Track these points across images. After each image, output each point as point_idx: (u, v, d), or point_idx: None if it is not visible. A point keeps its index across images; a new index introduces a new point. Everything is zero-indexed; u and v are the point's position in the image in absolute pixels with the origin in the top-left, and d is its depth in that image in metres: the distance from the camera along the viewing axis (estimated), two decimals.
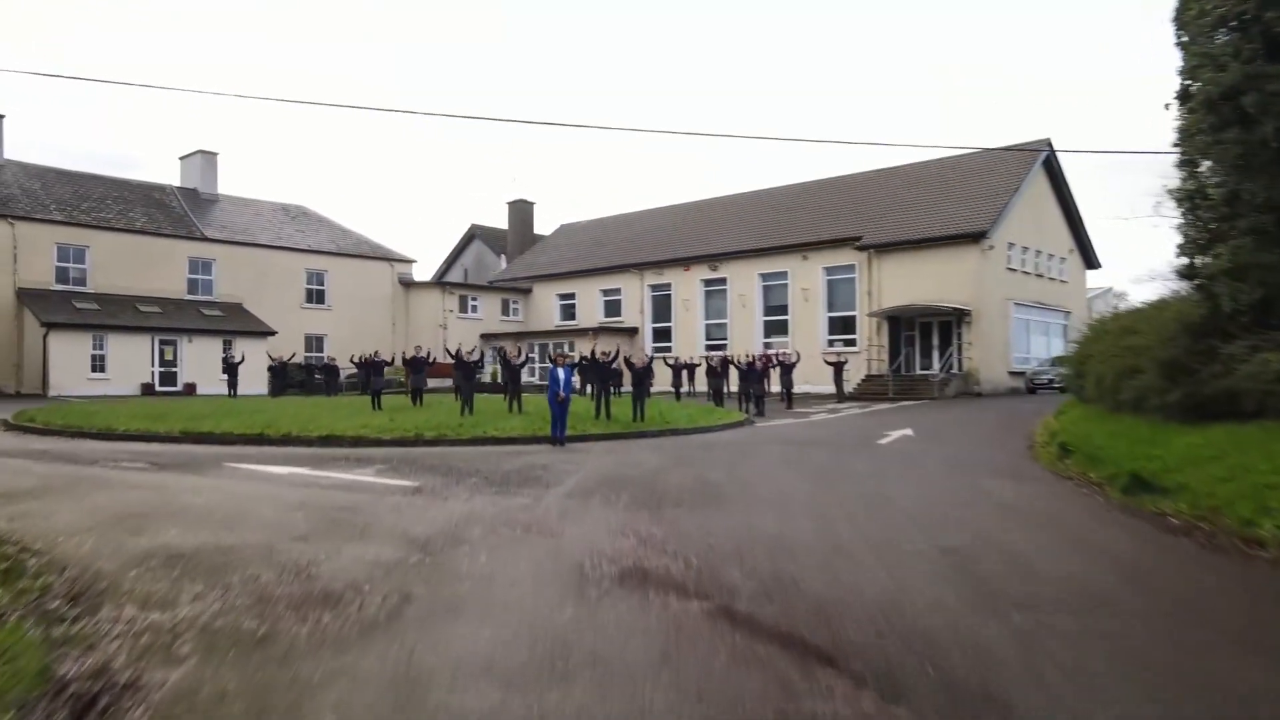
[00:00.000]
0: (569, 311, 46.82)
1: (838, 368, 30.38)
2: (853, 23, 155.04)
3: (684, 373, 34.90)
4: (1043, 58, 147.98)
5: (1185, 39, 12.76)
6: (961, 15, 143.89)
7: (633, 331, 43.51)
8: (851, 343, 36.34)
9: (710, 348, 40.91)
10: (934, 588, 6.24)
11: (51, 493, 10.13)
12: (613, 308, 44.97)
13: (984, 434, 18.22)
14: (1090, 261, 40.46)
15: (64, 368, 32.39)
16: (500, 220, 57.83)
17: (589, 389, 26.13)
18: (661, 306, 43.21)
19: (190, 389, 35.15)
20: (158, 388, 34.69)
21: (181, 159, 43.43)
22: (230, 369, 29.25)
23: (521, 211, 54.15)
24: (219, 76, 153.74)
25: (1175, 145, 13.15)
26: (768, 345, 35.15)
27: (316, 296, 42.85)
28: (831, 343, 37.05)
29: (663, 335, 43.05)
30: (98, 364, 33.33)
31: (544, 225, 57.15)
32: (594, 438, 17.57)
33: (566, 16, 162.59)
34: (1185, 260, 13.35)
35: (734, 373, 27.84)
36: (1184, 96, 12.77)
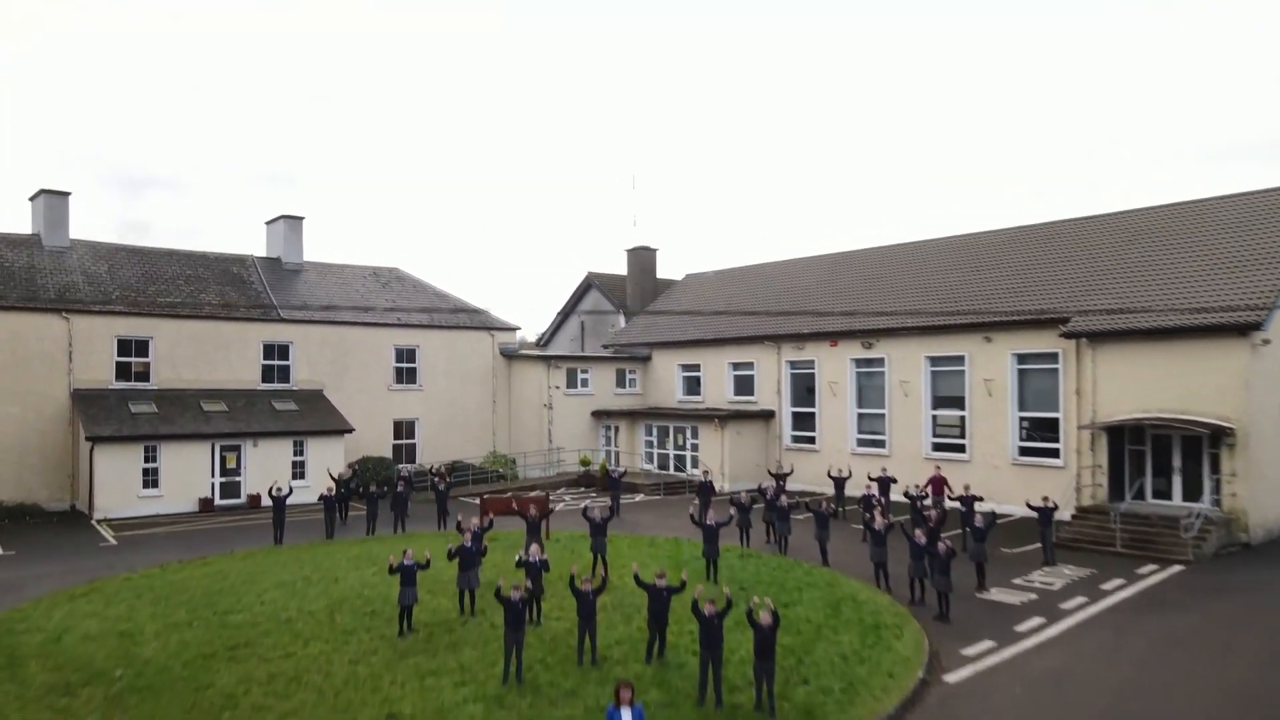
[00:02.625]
0: (693, 385, 40.09)
1: (1044, 516, 22.18)
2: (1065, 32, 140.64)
3: (837, 487, 28.03)
4: None
5: None
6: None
7: (768, 416, 36.29)
8: (1051, 452, 27.84)
9: (863, 443, 33.24)
10: None
11: None
12: (744, 384, 37.88)
13: None
14: None
15: (111, 486, 28.53)
16: (619, 265, 51.95)
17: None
18: (803, 387, 35.77)
19: (254, 501, 30.75)
20: (218, 501, 30.46)
21: (267, 224, 39.65)
22: (277, 504, 24.33)
23: (642, 260, 47.89)
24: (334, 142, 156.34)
25: None
26: (937, 469, 27.10)
27: (407, 375, 37.99)
28: (1025, 451, 28.63)
29: (804, 423, 35.59)
30: (150, 478, 29.34)
31: (669, 267, 50.72)
32: None
33: (691, 48, 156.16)
34: None
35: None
36: None
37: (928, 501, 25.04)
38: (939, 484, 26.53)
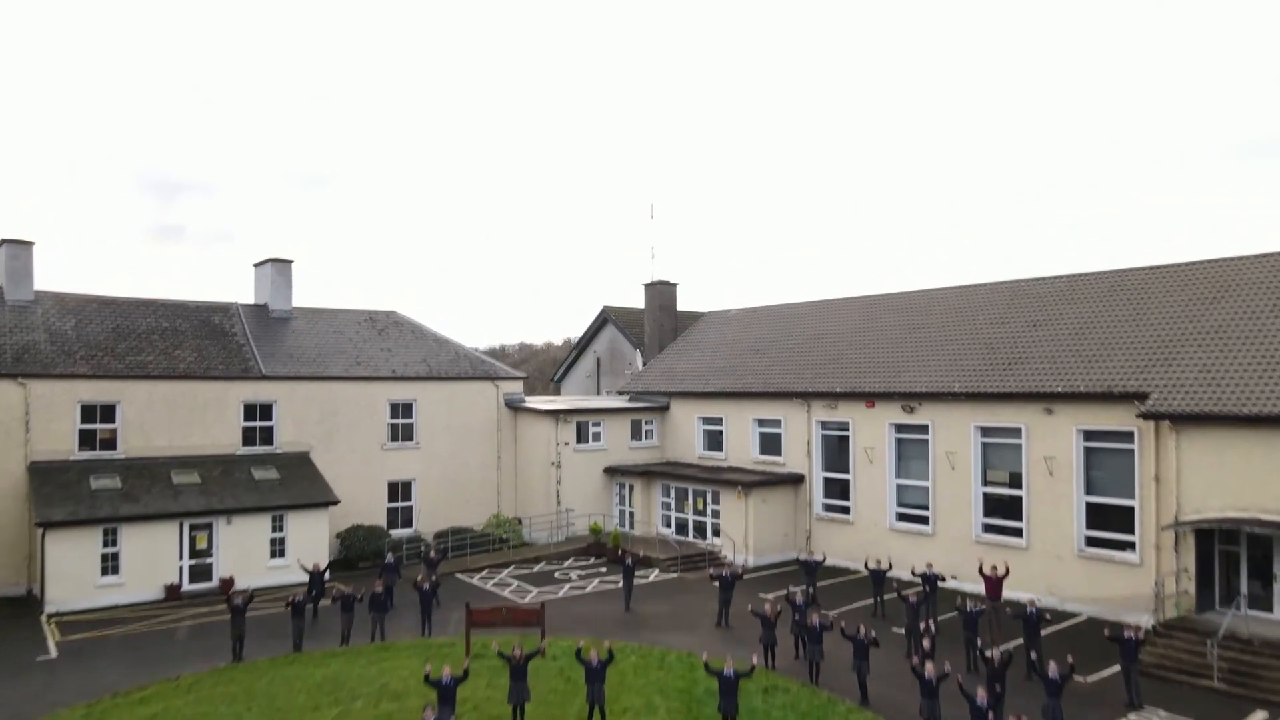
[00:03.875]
0: (714, 440, 36.67)
1: (1126, 650, 18.53)
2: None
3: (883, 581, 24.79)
4: None
5: None
6: None
7: (796, 480, 32.82)
8: (1124, 544, 24.13)
9: (904, 518, 29.68)
10: None
11: None
12: (770, 443, 34.41)
13: None
14: None
15: (65, 576, 25.71)
16: (637, 295, 48.72)
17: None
18: (835, 451, 32.24)
19: (226, 585, 27.78)
20: (186, 585, 27.58)
21: (255, 266, 36.82)
22: (236, 614, 21.31)
23: (661, 296, 44.53)
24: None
25: None
26: (993, 570, 23.45)
27: (402, 432, 34.95)
28: (1093, 542, 24.93)
29: (837, 490, 32.06)
30: (110, 564, 26.51)
31: (689, 298, 47.33)
32: None
33: (719, 77, 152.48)
34: None
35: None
36: None
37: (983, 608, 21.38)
38: (995, 587, 22.96)
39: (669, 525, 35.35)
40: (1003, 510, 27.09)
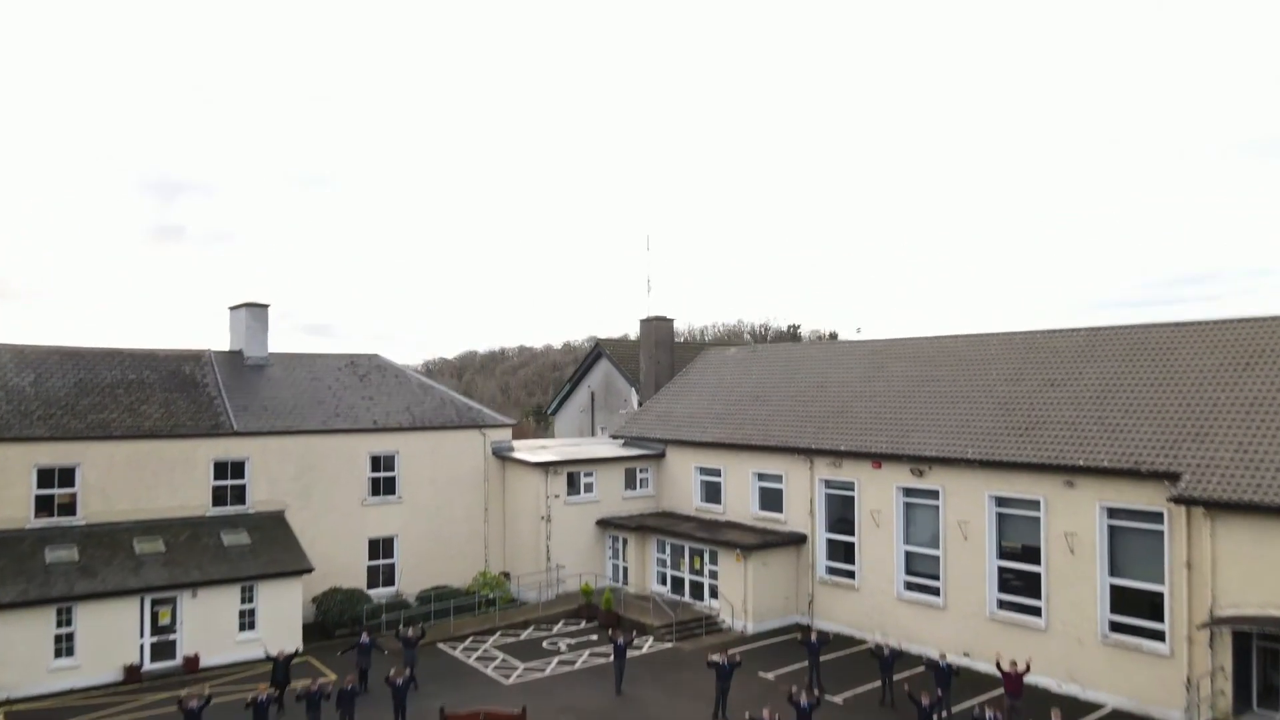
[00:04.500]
0: (712, 491, 34.90)
1: None
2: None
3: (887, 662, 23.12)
4: None
5: None
6: None
7: (798, 541, 31.07)
8: (1153, 634, 22.36)
9: (913, 588, 27.93)
10: None
11: None
12: (771, 498, 32.65)
13: None
14: None
15: (15, 661, 23.99)
16: (633, 325, 47.05)
17: None
18: (840, 510, 30.48)
19: (191, 664, 26.13)
20: (148, 665, 25.84)
21: (231, 310, 35.09)
22: (190, 716, 19.58)
23: (657, 332, 42.79)
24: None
25: None
26: (1013, 666, 21.65)
27: (384, 486, 33.22)
28: (1118, 627, 23.17)
29: (841, 553, 30.31)
30: (64, 645, 24.78)
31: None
32: None
33: (718, 107, 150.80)
34: None
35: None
36: None
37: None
38: (1016, 683, 21.20)
39: (664, 582, 33.60)
40: (1020, 586, 25.33)
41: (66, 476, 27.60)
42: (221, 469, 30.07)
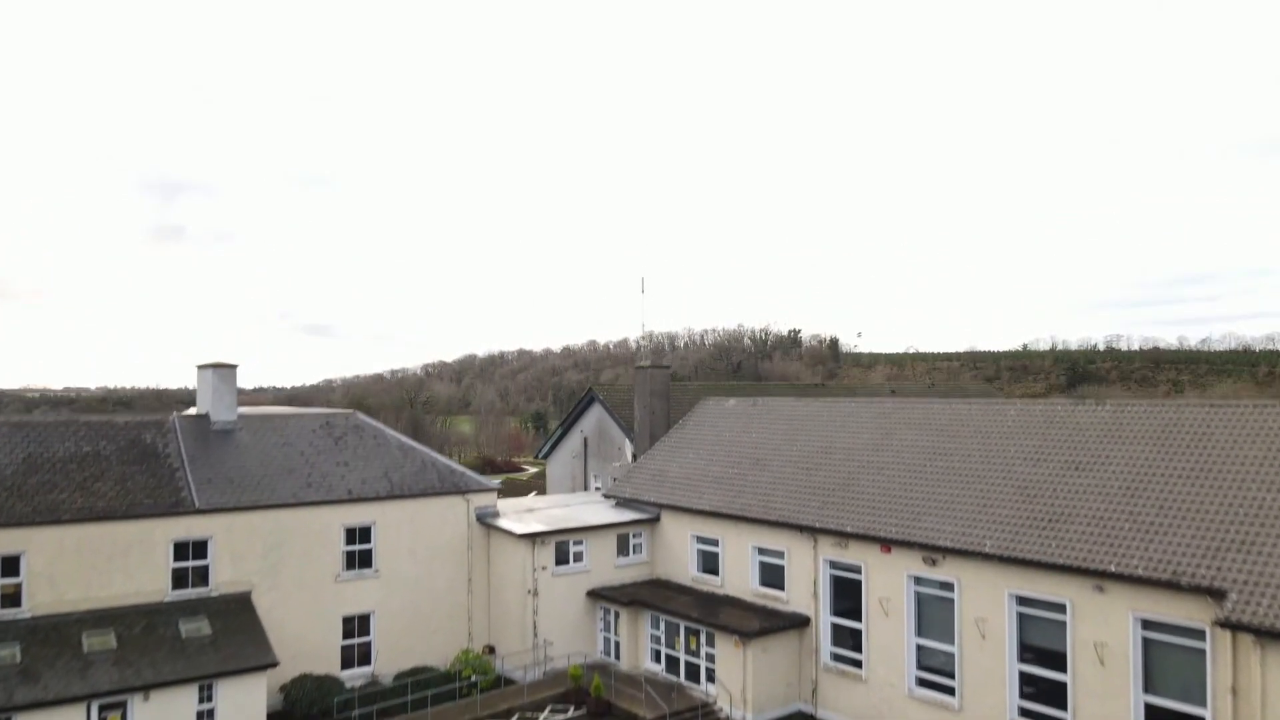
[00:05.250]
0: (710, 562, 32.83)
1: None
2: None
3: None
4: None
5: None
6: None
7: (801, 624, 29.00)
8: None
9: (925, 684, 25.84)
10: None
11: None
12: (772, 574, 30.57)
13: None
14: None
15: None
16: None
17: None
18: (846, 595, 28.39)
19: None
20: None
21: (199, 369, 33.05)
22: None
23: (653, 380, 40.72)
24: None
25: None
26: None
27: (360, 559, 31.16)
28: None
29: (848, 639, 28.22)
30: None
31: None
32: None
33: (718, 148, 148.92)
34: None
35: None
36: None
37: None
38: None
39: (659, 660, 31.53)
40: (1044, 694, 23.25)
41: (11, 565, 25.56)
42: (182, 549, 28.02)
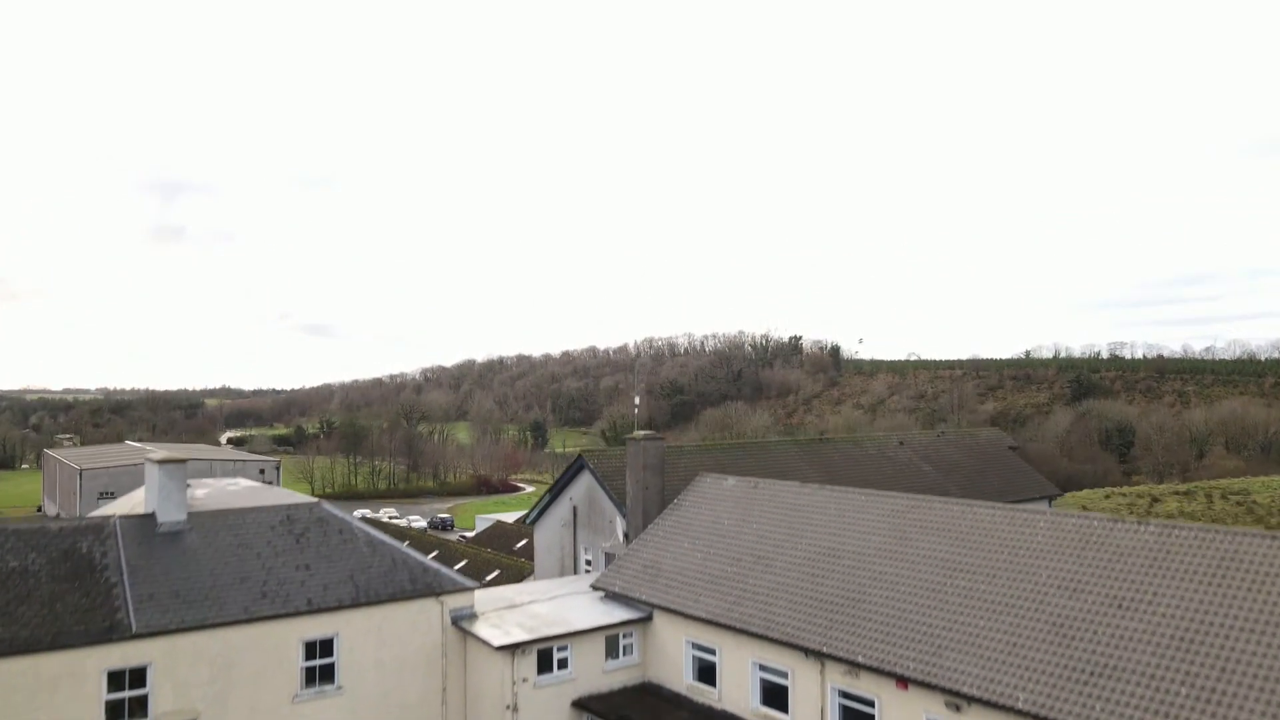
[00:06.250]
0: (707, 671, 29.97)
1: None
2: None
3: None
4: None
5: None
6: None
7: None
8: None
9: None
10: None
11: None
12: (775, 695, 27.71)
13: None
14: None
15: None
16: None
17: None
18: None
19: None
20: None
21: (147, 463, 30.16)
22: None
23: (646, 454, 37.83)
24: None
25: None
26: None
27: (321, 675, 28.30)
28: None
29: None
30: None
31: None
32: None
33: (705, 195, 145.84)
34: None
35: None
36: None
37: None
38: None
39: None
40: None
41: None
42: (117, 678, 25.13)
